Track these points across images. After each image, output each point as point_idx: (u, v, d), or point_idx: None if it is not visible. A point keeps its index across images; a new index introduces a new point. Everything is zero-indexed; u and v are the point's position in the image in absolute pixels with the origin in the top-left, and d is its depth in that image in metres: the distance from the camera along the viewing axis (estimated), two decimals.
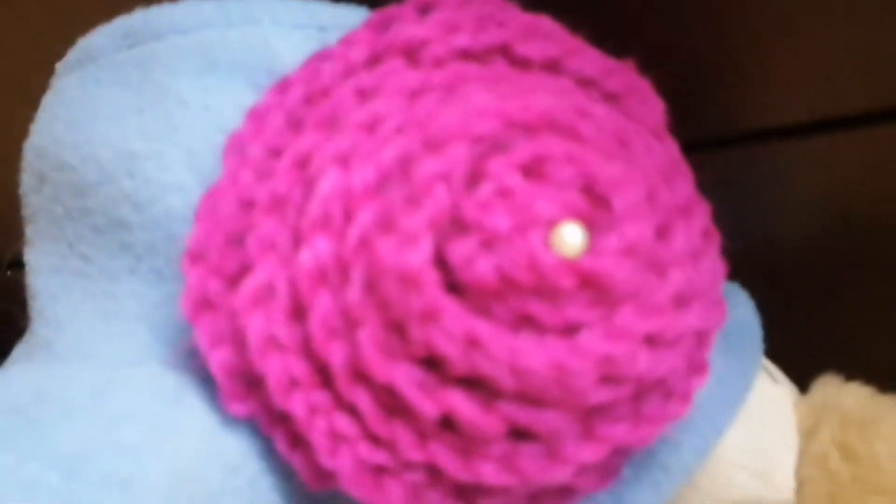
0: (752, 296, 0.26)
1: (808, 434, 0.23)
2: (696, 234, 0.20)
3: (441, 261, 0.17)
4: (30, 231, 0.26)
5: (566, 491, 0.20)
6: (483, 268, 0.17)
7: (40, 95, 0.26)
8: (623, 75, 0.21)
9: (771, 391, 0.24)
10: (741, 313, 0.25)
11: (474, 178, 0.17)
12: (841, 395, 0.24)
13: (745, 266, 0.25)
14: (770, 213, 0.28)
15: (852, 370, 0.25)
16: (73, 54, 0.25)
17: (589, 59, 0.21)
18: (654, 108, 0.22)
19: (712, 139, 0.26)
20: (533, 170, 0.17)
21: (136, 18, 0.23)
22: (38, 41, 0.33)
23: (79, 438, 0.18)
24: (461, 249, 0.17)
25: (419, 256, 0.17)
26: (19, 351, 0.26)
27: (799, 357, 0.26)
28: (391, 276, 0.17)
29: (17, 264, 0.29)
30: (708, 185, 0.22)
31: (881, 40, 0.24)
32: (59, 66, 0.25)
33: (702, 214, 0.21)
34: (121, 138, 0.22)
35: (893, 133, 0.25)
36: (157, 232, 0.21)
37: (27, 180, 0.25)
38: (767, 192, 0.28)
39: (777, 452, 0.23)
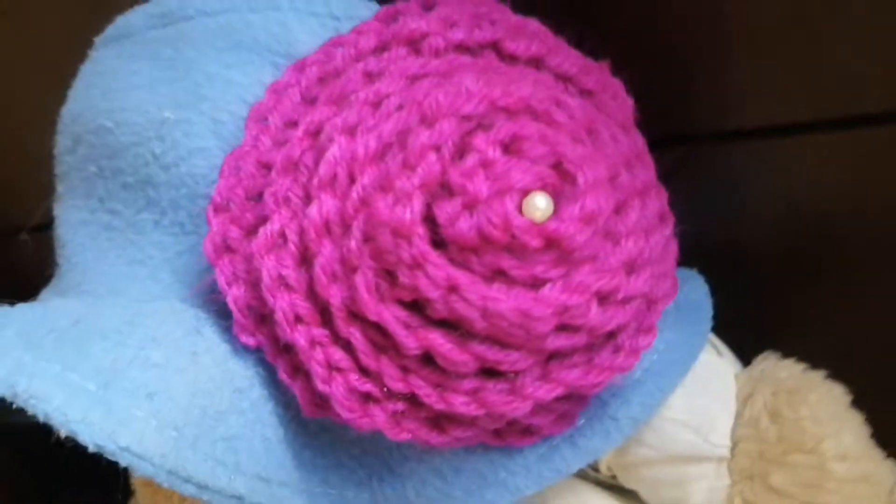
0: (706, 279, 0.29)
1: (744, 400, 0.26)
2: (651, 213, 0.23)
3: (429, 219, 0.20)
4: (61, 188, 0.29)
5: (527, 430, 0.24)
6: (464, 226, 0.20)
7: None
8: (598, 74, 0.24)
9: (715, 362, 0.27)
10: (695, 294, 0.28)
11: (461, 150, 0.21)
12: (776, 368, 0.27)
13: (701, 253, 0.28)
14: (726, 206, 0.31)
15: (795, 350, 0.28)
16: (110, 30, 0.28)
17: (569, 58, 0.24)
18: (623, 104, 0.25)
19: (678, 136, 0.29)
20: (511, 146, 0.21)
21: (170, 1, 0.26)
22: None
23: (112, 356, 0.21)
24: (447, 210, 0.20)
25: (411, 213, 0.20)
26: (47, 293, 0.29)
27: (745, 337, 0.29)
28: (386, 229, 0.20)
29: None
30: (671, 176, 0.25)
31: (830, 54, 0.27)
32: (96, 39, 0.29)
33: (658, 198, 0.24)
34: (153, 106, 0.25)
35: (838, 140, 0.28)
36: (181, 190, 0.25)
37: (62, 142, 0.28)
38: (724, 186, 0.31)
39: (716, 414, 0.26)
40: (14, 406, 0.20)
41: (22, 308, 0.23)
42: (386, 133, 0.21)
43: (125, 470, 0.21)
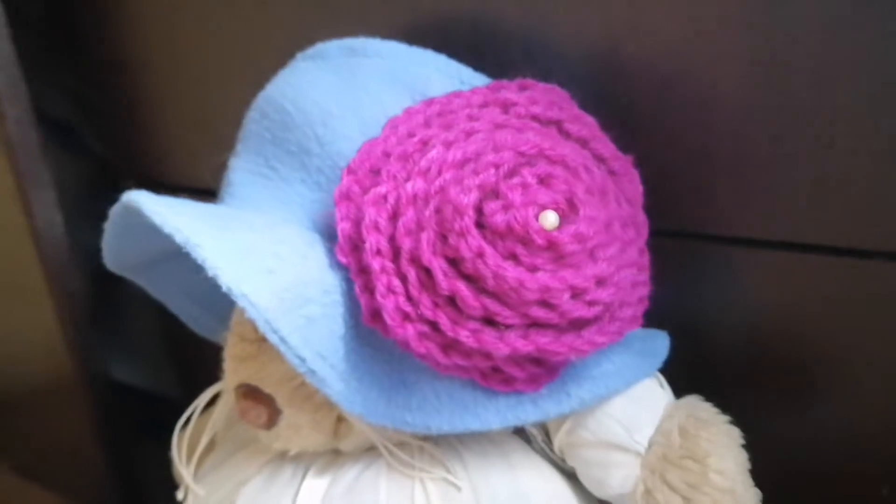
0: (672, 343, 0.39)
1: (665, 419, 0.35)
2: (628, 257, 0.34)
3: (478, 209, 0.31)
4: (240, 147, 0.41)
5: (506, 380, 0.34)
6: (499, 219, 0.31)
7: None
8: (623, 162, 0.36)
9: (655, 389, 0.37)
10: (657, 343, 0.38)
11: (511, 173, 0.32)
12: (697, 404, 0.36)
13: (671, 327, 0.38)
14: (699, 300, 0.41)
15: None
16: (310, 51, 0.40)
17: (607, 145, 0.35)
18: (636, 187, 0.36)
19: (676, 231, 0.40)
20: (544, 180, 0.32)
21: (358, 41, 0.39)
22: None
23: (254, 241, 0.33)
24: (491, 206, 0.31)
25: (468, 200, 0.31)
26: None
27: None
28: (450, 206, 0.31)
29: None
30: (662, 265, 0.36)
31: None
32: (298, 55, 0.41)
33: (640, 253, 0.35)
34: (325, 103, 0.37)
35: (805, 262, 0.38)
36: (326, 161, 0.36)
37: (252, 115, 0.40)
38: (704, 284, 0.41)
39: (643, 422, 0.35)
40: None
41: (201, 204, 0.35)
42: (469, 151, 0.32)
43: None
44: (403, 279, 0.32)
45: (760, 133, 0.36)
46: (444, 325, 0.32)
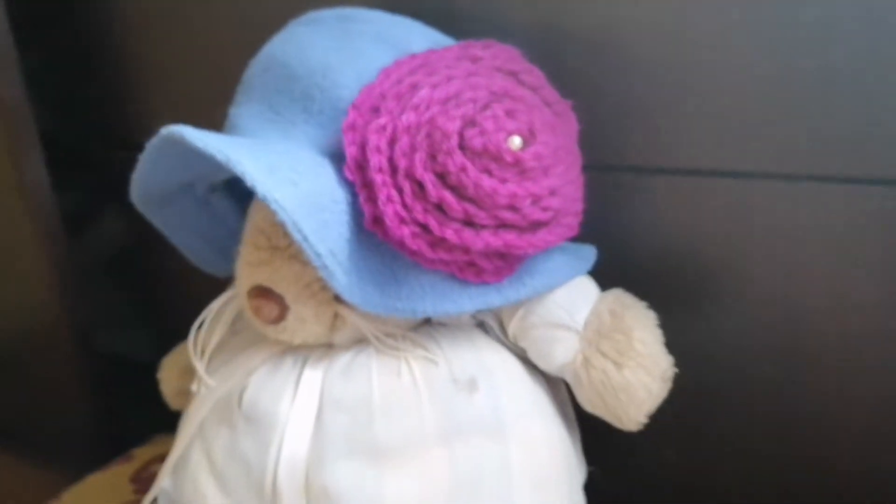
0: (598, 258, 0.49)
1: (596, 303, 0.46)
2: (572, 175, 0.44)
3: (461, 134, 0.41)
4: (241, 97, 0.49)
5: (479, 272, 0.43)
6: (477, 142, 0.40)
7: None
8: (564, 105, 0.45)
9: (588, 282, 0.47)
10: (588, 251, 0.48)
11: (485, 107, 0.41)
12: (620, 293, 0.47)
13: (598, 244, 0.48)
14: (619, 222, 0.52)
15: None
16: (304, 18, 0.48)
17: (551, 92, 0.45)
18: (573, 126, 0.46)
19: (599, 164, 0.50)
20: (509, 112, 0.41)
21: (349, 10, 0.47)
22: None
23: (278, 160, 0.41)
24: (470, 132, 0.41)
25: (452, 126, 0.40)
26: None
27: None
28: (438, 131, 0.40)
29: None
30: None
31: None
32: (290, 21, 0.49)
33: (577, 173, 0.45)
34: (324, 57, 0.45)
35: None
36: (327, 104, 0.44)
37: (254, 69, 0.48)
38: (623, 209, 0.52)
39: (580, 306, 0.45)
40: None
41: (227, 136, 0.43)
42: (450, 91, 0.42)
43: None
44: (400, 191, 0.41)
45: (667, 79, 0.47)
46: (433, 227, 0.41)
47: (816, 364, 0.51)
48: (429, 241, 0.42)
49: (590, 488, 0.50)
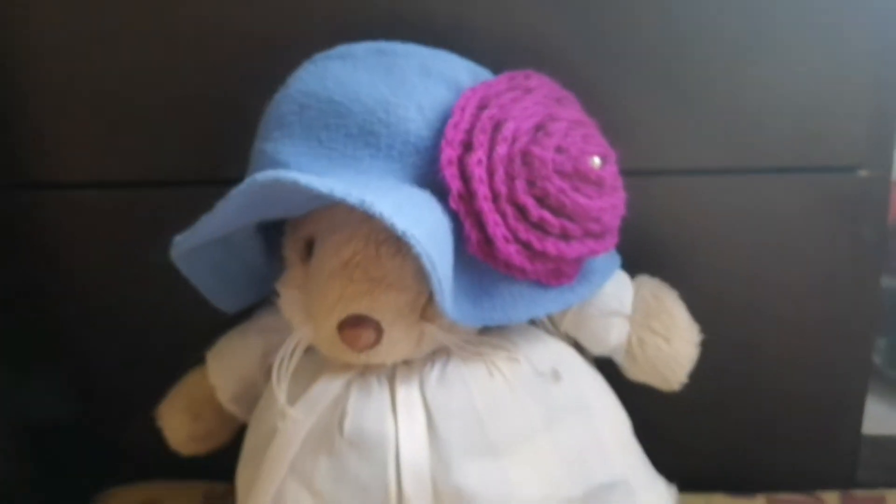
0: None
1: (636, 291, 0.54)
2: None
3: (553, 159, 0.47)
4: (276, 133, 0.50)
5: (561, 276, 0.49)
6: (568, 165, 0.47)
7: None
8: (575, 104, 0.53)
9: (623, 275, 0.55)
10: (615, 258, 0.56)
11: (566, 134, 0.47)
12: (649, 280, 0.55)
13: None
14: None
15: None
16: (335, 52, 0.51)
17: (575, 106, 0.52)
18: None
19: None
20: (586, 137, 0.48)
21: (383, 45, 0.51)
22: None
23: (397, 199, 0.44)
24: (560, 158, 0.47)
25: (549, 155, 0.46)
26: None
27: None
28: (536, 160, 0.46)
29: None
30: None
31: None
32: (318, 56, 0.52)
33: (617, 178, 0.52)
34: (379, 94, 0.48)
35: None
36: (397, 139, 0.48)
37: (288, 108, 0.49)
38: None
39: (625, 295, 0.54)
40: None
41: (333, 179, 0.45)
42: (533, 122, 0.47)
43: None
44: (503, 215, 0.46)
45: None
46: (534, 243, 0.47)
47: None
48: (529, 255, 0.47)
49: None
